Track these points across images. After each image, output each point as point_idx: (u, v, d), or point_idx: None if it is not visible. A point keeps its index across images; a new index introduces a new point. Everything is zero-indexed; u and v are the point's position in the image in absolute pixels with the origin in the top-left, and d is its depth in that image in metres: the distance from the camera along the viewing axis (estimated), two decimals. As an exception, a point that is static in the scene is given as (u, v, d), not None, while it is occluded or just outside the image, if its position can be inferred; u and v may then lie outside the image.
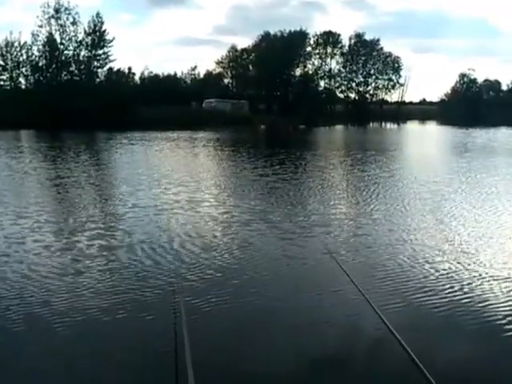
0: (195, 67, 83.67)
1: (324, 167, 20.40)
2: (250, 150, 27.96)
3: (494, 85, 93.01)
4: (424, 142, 40.67)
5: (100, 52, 56.82)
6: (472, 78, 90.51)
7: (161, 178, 16.24)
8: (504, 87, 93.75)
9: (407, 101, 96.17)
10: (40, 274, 7.04)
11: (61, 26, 54.55)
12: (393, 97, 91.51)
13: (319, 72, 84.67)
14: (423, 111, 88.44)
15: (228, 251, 8.28)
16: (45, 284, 6.67)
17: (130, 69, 76.36)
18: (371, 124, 69.12)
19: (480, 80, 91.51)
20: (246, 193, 13.93)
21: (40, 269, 7.27)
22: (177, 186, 14.77)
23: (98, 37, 56.24)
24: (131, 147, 28.27)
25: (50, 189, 14.77)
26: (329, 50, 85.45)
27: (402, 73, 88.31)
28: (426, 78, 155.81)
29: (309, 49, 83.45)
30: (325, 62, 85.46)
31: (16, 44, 55.26)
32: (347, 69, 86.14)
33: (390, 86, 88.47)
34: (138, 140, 32.96)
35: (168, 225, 10.13)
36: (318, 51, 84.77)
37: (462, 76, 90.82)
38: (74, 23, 54.87)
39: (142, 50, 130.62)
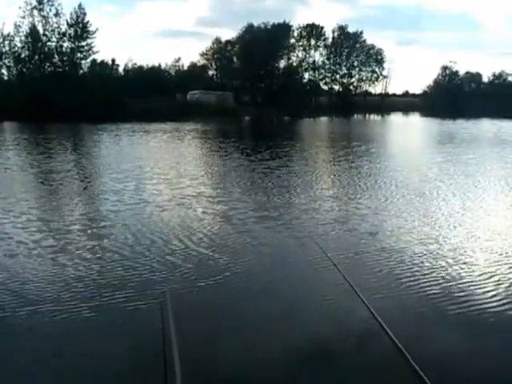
0: (179, 59, 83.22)
1: (319, 158, 20.59)
2: (243, 142, 27.99)
3: (475, 77, 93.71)
4: (419, 133, 41.12)
5: (83, 43, 56.23)
6: (454, 70, 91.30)
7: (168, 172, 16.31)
8: (485, 79, 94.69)
9: (390, 93, 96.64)
10: (26, 268, 7.08)
11: (43, 17, 53.96)
12: (376, 89, 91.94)
13: (303, 64, 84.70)
14: (406, 103, 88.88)
15: (219, 247, 8.16)
16: (29, 280, 6.64)
17: (113, 60, 75.47)
18: (355, 116, 69.36)
19: (461, 72, 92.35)
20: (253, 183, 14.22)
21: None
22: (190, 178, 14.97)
23: (80, 28, 55.68)
24: (124, 140, 28.20)
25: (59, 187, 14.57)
26: (312, 42, 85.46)
27: (385, 65, 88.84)
28: (408, 71, 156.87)
29: (292, 41, 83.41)
30: (309, 54, 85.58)
31: (-2, 35, 54.55)
32: (331, 61, 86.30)
33: (373, 78, 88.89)
34: (127, 132, 32.79)
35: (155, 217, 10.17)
36: (301, 43, 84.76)
37: (444, 68, 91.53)
38: (56, 14, 54.33)
39: (126, 41, 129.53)
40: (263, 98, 71.40)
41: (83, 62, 57.56)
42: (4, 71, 56.55)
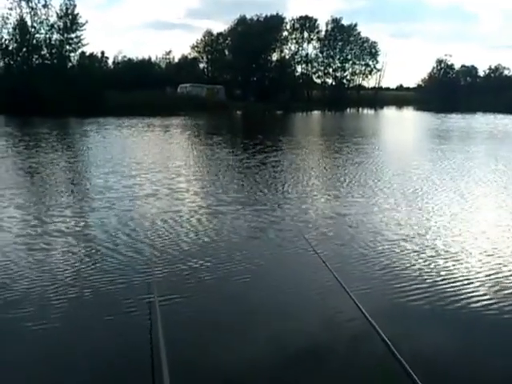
0: (170, 52, 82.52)
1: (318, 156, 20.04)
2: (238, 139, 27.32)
3: (470, 71, 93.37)
4: (412, 129, 40.09)
5: (72, 36, 55.09)
6: (449, 63, 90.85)
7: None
8: (481, 73, 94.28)
9: (384, 86, 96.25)
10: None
11: (32, 8, 52.72)
12: (370, 82, 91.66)
13: (296, 57, 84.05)
14: (400, 97, 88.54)
15: (208, 241, 8.04)
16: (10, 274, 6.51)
17: (103, 53, 74.73)
18: (348, 110, 68.87)
19: (457, 66, 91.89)
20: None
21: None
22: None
23: (70, 20, 54.62)
24: (120, 135, 27.17)
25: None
26: (305, 34, 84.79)
27: (379, 58, 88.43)
28: (402, 64, 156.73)
29: (285, 33, 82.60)
30: (301, 47, 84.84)
31: (-15, 27, 53.44)
32: (324, 54, 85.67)
33: (367, 72, 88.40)
34: (121, 127, 31.65)
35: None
36: (294, 36, 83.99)
37: (439, 62, 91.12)
38: (45, 6, 53.05)
39: (115, 33, 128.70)
40: (255, 91, 70.64)
41: (72, 54, 56.63)
42: (-9, 64, 55.48)
